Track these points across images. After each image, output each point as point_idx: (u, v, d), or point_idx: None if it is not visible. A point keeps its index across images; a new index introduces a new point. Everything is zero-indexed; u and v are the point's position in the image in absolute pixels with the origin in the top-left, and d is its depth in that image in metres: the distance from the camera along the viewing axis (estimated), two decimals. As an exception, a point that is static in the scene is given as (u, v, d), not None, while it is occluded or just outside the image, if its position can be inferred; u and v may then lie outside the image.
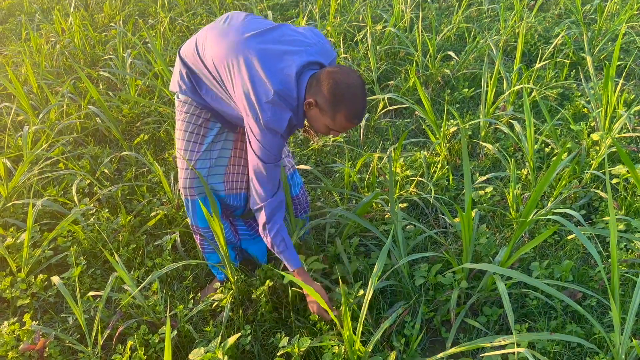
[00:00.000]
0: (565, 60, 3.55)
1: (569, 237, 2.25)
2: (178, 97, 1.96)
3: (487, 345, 1.63)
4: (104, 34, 4.83)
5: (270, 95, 1.64)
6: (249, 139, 1.75)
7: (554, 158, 2.34)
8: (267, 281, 2.05)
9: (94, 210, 2.63)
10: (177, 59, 1.91)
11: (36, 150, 2.92)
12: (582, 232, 1.92)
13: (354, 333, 1.72)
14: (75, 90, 3.85)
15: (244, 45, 1.69)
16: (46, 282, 2.29)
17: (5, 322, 2.03)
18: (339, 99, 1.62)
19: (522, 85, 2.87)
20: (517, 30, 3.94)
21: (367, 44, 3.75)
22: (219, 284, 2.16)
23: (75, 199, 2.61)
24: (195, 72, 1.84)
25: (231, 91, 1.74)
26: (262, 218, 1.83)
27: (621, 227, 2.19)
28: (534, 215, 2.18)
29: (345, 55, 3.78)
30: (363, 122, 3.10)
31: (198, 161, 1.94)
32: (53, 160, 2.98)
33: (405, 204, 2.52)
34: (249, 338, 1.91)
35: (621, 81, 2.78)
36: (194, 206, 2.01)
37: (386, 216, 2.43)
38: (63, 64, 4.31)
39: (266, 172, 1.75)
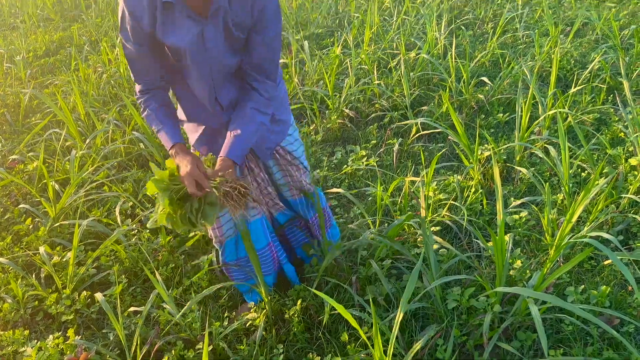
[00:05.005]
0: (602, 85, 3.51)
1: (606, 262, 2.21)
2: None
3: (520, 369, 1.62)
4: (147, 63, 5.05)
5: None
6: None
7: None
8: (300, 301, 2.09)
9: (136, 230, 2.74)
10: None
11: (82, 174, 3.07)
12: (619, 257, 1.90)
13: (385, 354, 1.73)
14: (120, 117, 4.03)
15: None
16: (89, 299, 2.38)
17: (51, 336, 2.12)
18: None
19: (557, 110, 2.87)
20: (552, 56, 3.93)
21: (401, 71, 3.82)
22: (253, 303, 2.20)
23: (119, 220, 2.72)
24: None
25: None
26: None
27: (661, 252, 2.15)
28: (569, 239, 2.16)
29: (379, 82, 3.85)
30: (396, 147, 3.13)
31: None
32: (98, 183, 3.13)
33: (437, 228, 2.53)
34: (282, 357, 1.94)
35: (660, 105, 2.74)
36: (223, 248, 2.10)
37: (418, 240, 2.44)
38: (109, 92, 4.53)
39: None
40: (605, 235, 1.91)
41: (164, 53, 1.66)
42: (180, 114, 1.90)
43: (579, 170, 2.79)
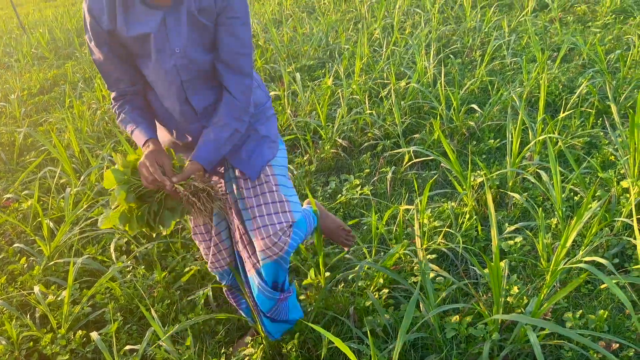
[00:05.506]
0: (590, 110, 3.57)
1: (602, 286, 2.21)
2: None
3: (521, 398, 1.60)
4: (141, 99, 5.10)
5: None
6: None
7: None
8: (297, 335, 2.07)
9: (131, 267, 2.72)
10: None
11: (77, 211, 3.07)
12: (615, 281, 1.90)
13: (385, 386, 1.71)
14: (115, 153, 4.05)
15: None
16: (85, 338, 2.36)
17: (45, 378, 2.09)
18: None
19: (547, 135, 2.90)
20: (540, 82, 4.00)
21: (392, 100, 3.87)
22: (250, 338, 2.18)
23: (113, 256, 2.71)
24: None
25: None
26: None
27: (656, 275, 2.15)
28: (565, 263, 2.17)
29: (370, 111, 3.90)
30: (389, 175, 3.15)
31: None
32: (93, 220, 3.12)
33: (434, 255, 2.53)
34: (280, 393, 1.92)
35: (647, 128, 2.78)
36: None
37: (415, 268, 2.44)
38: (103, 128, 4.56)
39: None
40: (600, 260, 1.92)
41: (128, 55, 1.63)
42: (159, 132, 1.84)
43: (572, 194, 2.81)
